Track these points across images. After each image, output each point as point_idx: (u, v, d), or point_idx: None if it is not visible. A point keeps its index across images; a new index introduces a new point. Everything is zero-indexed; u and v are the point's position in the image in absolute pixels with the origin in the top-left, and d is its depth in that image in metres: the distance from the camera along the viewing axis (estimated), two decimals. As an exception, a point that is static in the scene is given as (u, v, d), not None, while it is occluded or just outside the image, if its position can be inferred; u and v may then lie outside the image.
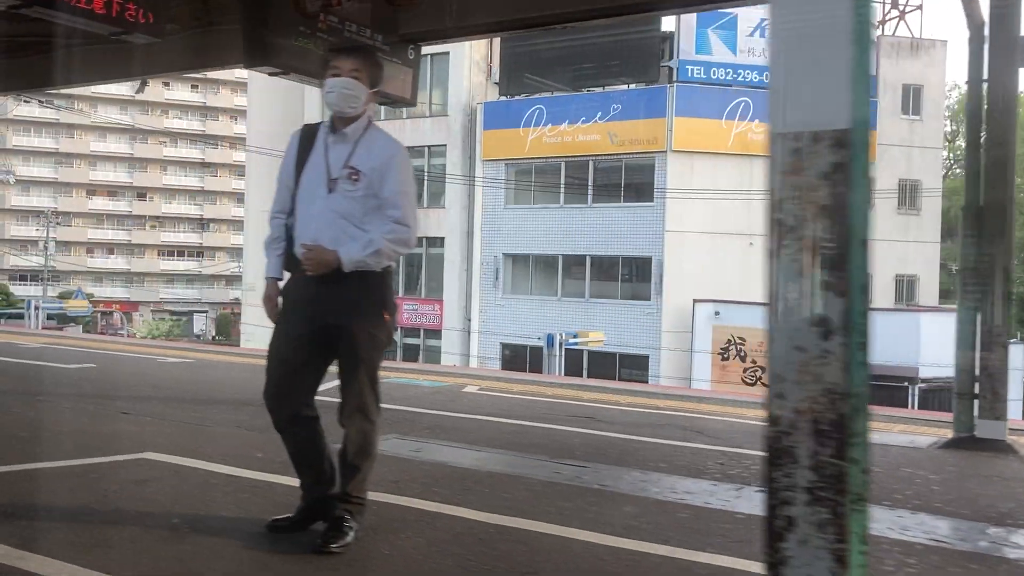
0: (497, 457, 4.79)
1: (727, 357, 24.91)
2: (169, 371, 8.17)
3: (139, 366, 8.52)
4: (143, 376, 7.72)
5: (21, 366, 8.09)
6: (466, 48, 28.57)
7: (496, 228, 28.40)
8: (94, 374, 7.76)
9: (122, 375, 7.75)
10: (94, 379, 7.43)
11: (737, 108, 25.57)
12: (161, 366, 8.62)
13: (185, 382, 7.43)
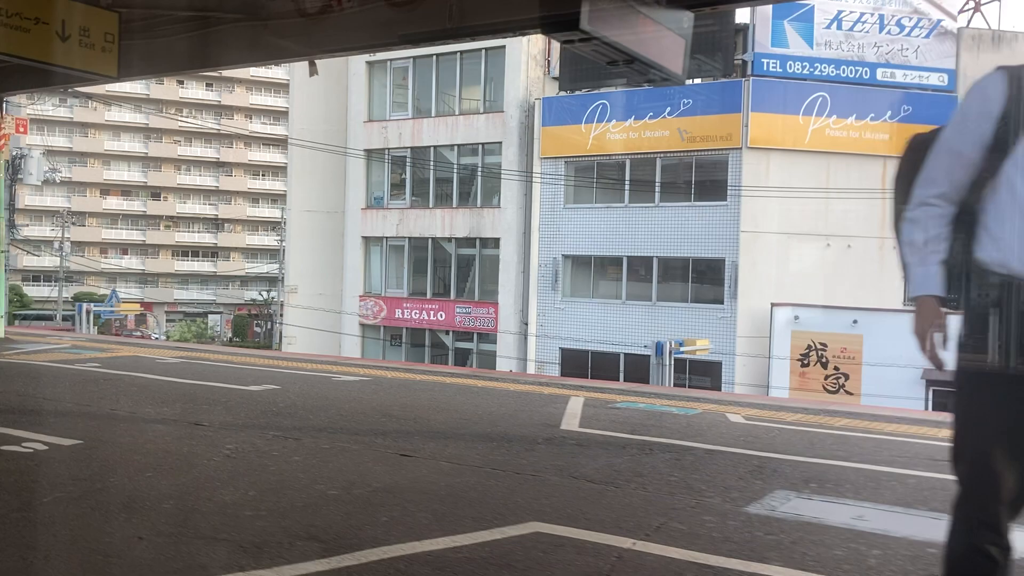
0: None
1: (807, 363, 23.84)
2: (362, 392, 7.07)
3: (320, 386, 7.41)
4: (353, 401, 6.61)
5: (210, 391, 6.98)
6: (523, 43, 27.52)
7: (555, 228, 27.31)
8: (296, 399, 6.64)
9: (326, 399, 6.64)
10: (310, 408, 6.32)
11: (814, 103, 24.51)
12: (342, 385, 7.51)
13: (415, 408, 6.32)
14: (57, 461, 4.49)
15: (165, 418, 5.76)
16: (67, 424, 5.46)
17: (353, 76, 30.97)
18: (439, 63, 29.60)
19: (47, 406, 6.11)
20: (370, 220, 30.92)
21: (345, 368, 8.85)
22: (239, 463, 4.52)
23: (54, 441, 4.90)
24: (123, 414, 5.89)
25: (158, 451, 4.78)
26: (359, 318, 30.95)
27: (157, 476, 4.22)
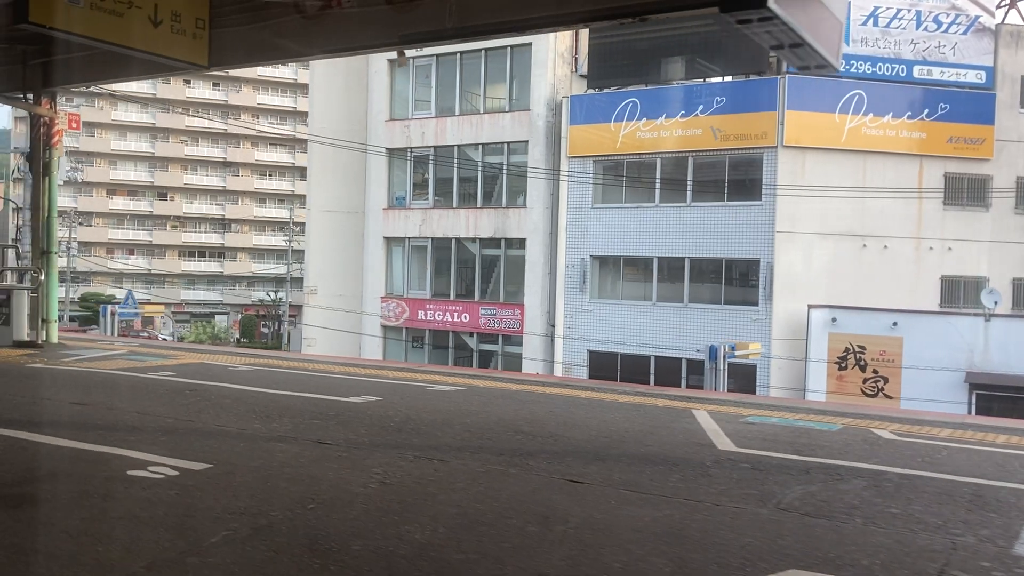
0: None
1: (844, 366, 23.39)
2: (468, 404, 6.59)
3: (421, 397, 6.92)
4: (469, 415, 6.12)
5: (311, 404, 6.51)
6: (550, 39, 27.05)
7: (583, 228, 26.84)
8: (407, 412, 6.16)
9: (438, 412, 6.16)
10: (429, 422, 5.84)
11: (851, 101, 24.06)
12: (442, 396, 7.03)
13: (542, 423, 5.84)
14: (199, 490, 4.01)
15: (282, 435, 5.29)
16: (183, 444, 4.98)
17: (375, 74, 30.49)
18: (463, 61, 29.12)
19: (148, 422, 5.63)
20: (392, 220, 30.43)
21: (425, 376, 8.37)
22: (401, 492, 4.05)
23: (182, 465, 4.42)
24: (233, 430, 5.41)
25: (303, 477, 4.30)
26: (381, 320, 30.47)
27: (323, 509, 3.75)
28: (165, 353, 9.70)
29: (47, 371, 8.00)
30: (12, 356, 9.17)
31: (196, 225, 75.60)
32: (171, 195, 74.56)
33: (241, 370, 8.41)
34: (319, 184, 32.54)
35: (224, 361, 9.16)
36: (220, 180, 75.92)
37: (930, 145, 24.26)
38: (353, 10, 7.60)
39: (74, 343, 10.45)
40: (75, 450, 4.76)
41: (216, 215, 75.85)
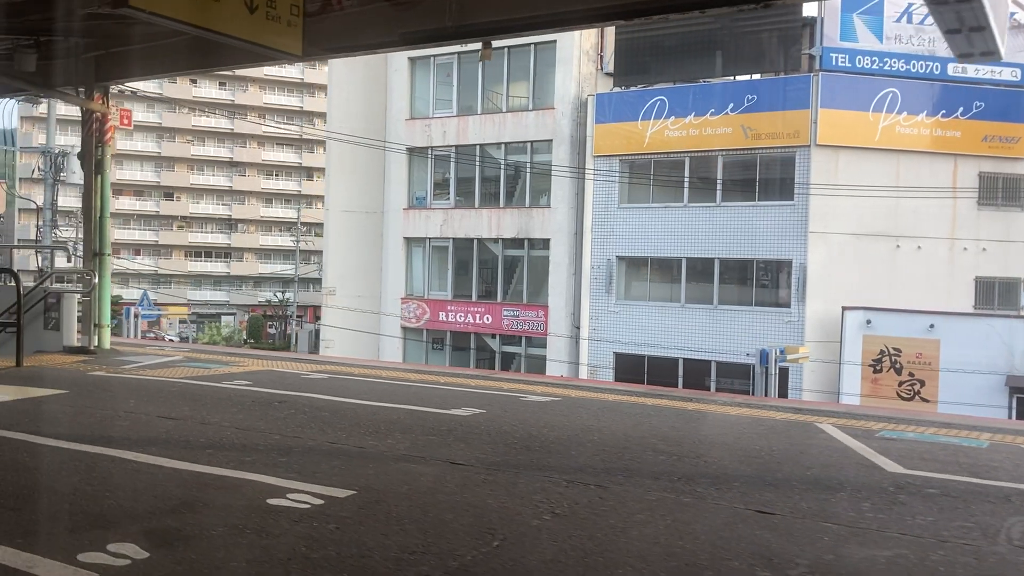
0: None
1: (879, 369, 22.99)
2: (580, 418, 6.15)
3: (525, 410, 6.49)
4: (591, 431, 5.69)
5: (415, 417, 6.08)
6: (575, 37, 26.63)
7: (609, 229, 26.44)
8: (526, 428, 5.73)
9: (557, 428, 5.73)
10: (556, 439, 5.40)
11: (884, 99, 23.68)
12: (547, 408, 6.59)
13: (678, 441, 5.42)
14: (358, 523, 3.58)
15: (407, 454, 4.86)
16: (308, 466, 4.56)
17: (395, 72, 30.09)
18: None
19: (254, 439, 5.20)
20: (412, 220, 30.03)
21: (506, 384, 7.94)
22: (582, 525, 3.63)
23: (322, 491, 4.00)
24: (350, 449, 4.98)
25: (462, 506, 3.88)
26: (401, 321, 30.05)
27: (513, 548, 3.32)
28: (224, 360, 9.26)
29: (114, 381, 7.57)
30: (68, 363, 8.74)
31: (202, 225, 75.17)
32: (177, 195, 74.15)
33: (315, 378, 7.98)
34: (337, 184, 32.14)
35: (289, 368, 8.73)
36: (227, 180, 75.50)
37: (964, 144, 23.87)
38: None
39: (125, 348, 10.01)
40: (194, 473, 4.34)
41: (223, 215, 75.45)
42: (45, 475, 4.28)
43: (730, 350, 24.18)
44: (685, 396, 7.63)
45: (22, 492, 3.96)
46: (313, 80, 77.35)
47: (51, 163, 22.24)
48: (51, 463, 4.54)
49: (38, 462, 4.55)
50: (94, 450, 4.81)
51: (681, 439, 5.49)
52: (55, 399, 6.56)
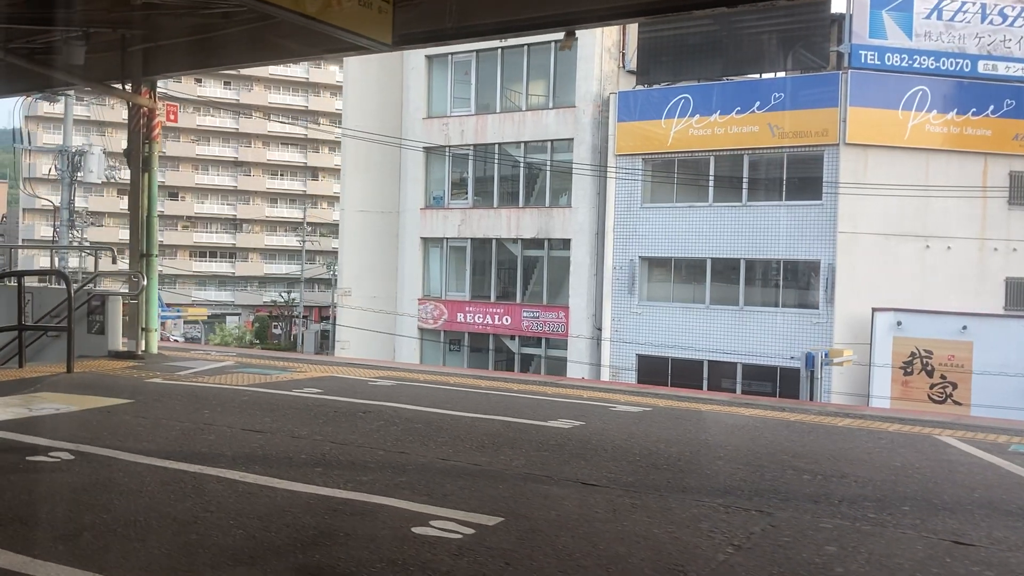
0: None
1: (910, 371, 22.60)
2: (685, 430, 5.75)
3: (622, 421, 6.09)
4: (705, 446, 5.30)
5: (512, 429, 5.69)
6: (597, 34, 26.25)
7: (631, 229, 26.05)
8: (633, 441, 5.33)
9: (665, 442, 5.34)
10: (669, 455, 5.02)
11: (914, 97, 23.30)
12: (642, 420, 6.20)
13: (805, 457, 5.03)
14: (525, 557, 3.20)
15: (527, 472, 4.48)
16: (435, 487, 4.17)
17: (412, 71, 29.71)
18: (504, 57, 28.33)
19: (360, 455, 4.81)
20: (429, 220, 29.64)
21: (587, 392, 7.55)
22: (774, 560, 3.25)
23: (467, 518, 3.62)
24: (466, 465, 4.60)
25: (629, 536, 3.50)
26: (419, 322, 29.67)
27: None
28: (279, 365, 8.87)
29: (178, 389, 7.18)
30: (119, 369, 8.35)
31: (207, 225, 74.76)
32: (182, 195, 73.72)
33: (383, 385, 7.59)
34: (353, 184, 31.75)
35: (351, 374, 8.33)
36: (231, 180, 75.08)
37: (995, 143, 23.51)
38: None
39: (173, 353, 9.62)
40: (316, 496, 3.95)
41: (227, 215, 75.03)
42: (154, 499, 3.90)
43: (757, 352, 23.83)
44: (775, 405, 7.26)
45: (139, 519, 3.58)
46: (318, 80, 77.01)
47: (68, 162, 21.83)
48: (153, 484, 4.16)
49: (139, 483, 4.16)
50: (193, 468, 4.43)
51: (811, 454, 5.11)
52: (123, 410, 6.17)
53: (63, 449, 4.82)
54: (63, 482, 4.15)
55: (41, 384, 7.34)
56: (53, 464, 4.51)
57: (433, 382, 7.94)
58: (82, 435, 5.22)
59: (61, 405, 6.33)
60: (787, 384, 22.67)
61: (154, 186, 9.17)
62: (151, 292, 9.28)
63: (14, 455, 4.71)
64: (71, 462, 4.55)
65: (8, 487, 4.05)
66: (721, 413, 6.59)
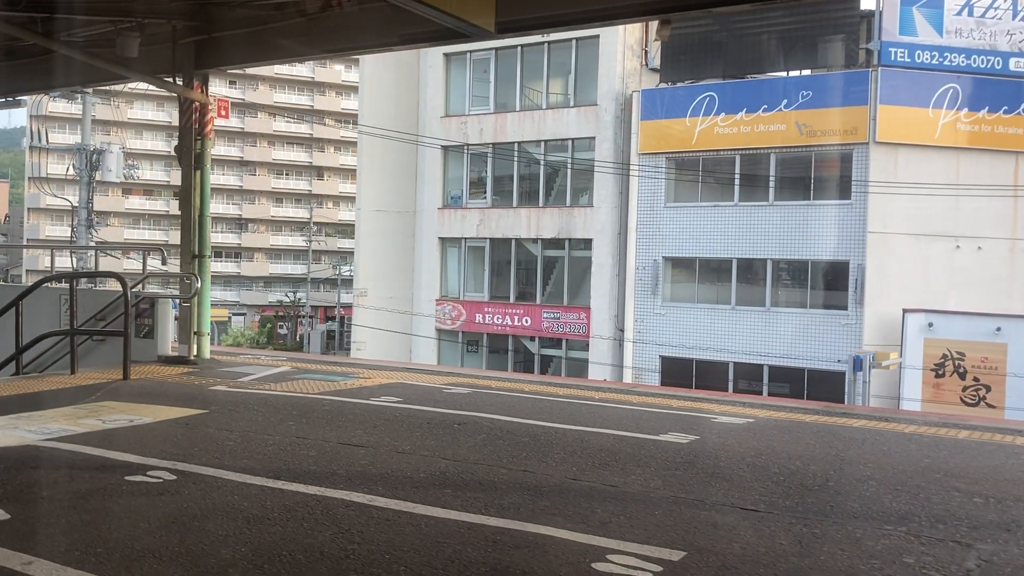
0: None
1: (942, 374, 22.25)
2: (811, 445, 5.40)
3: (734, 434, 5.71)
4: (869, 463, 4.94)
5: (621, 443, 5.30)
6: (619, 32, 25.91)
7: (655, 228, 25.69)
8: (769, 459, 4.97)
9: (824, 462, 4.95)
10: (832, 475, 4.60)
11: (945, 95, 22.95)
12: (757, 432, 5.83)
13: (974, 478, 4.66)
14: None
15: (672, 495, 4.10)
16: (582, 511, 3.80)
17: (429, 69, 29.35)
18: (523, 55, 27.97)
19: (485, 474, 4.44)
20: (447, 220, 29.28)
21: (675, 402, 7.18)
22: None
23: (645, 551, 3.25)
24: (603, 487, 4.23)
25: (832, 572, 3.13)
26: (436, 323, 29.31)
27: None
28: (337, 370, 8.49)
29: (250, 398, 6.80)
30: (176, 375, 7.97)
31: (213, 225, 74.05)
32: (187, 194, 73.19)
33: (460, 392, 7.22)
34: (369, 184, 31.36)
35: (419, 380, 7.96)
36: (237, 179, 74.68)
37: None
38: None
39: (224, 358, 9.23)
40: (463, 524, 3.58)
41: (233, 215, 74.62)
42: (287, 528, 3.52)
43: (784, 353, 23.50)
44: (872, 414, 6.90)
45: (282, 553, 3.21)
46: (324, 79, 76.64)
47: (87, 161, 21.43)
48: (277, 509, 3.78)
49: (262, 508, 3.79)
50: (311, 490, 4.06)
51: (962, 473, 4.74)
52: (202, 421, 5.80)
53: (160, 468, 4.44)
54: (179, 507, 3.77)
55: (101, 392, 6.97)
56: (157, 485, 4.13)
57: (507, 389, 7.57)
58: (172, 451, 4.84)
59: (133, 416, 5.96)
60: (815, 387, 22.32)
61: (206, 184, 8.79)
62: (204, 294, 8.90)
63: (110, 474, 4.34)
64: (175, 483, 4.18)
65: (123, 514, 3.67)
66: (826, 424, 6.22)
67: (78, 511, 3.70)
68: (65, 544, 3.27)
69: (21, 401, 6.59)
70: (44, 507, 3.75)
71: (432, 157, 29.44)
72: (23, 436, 5.24)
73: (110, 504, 3.82)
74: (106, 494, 3.98)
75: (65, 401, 6.53)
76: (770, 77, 24.63)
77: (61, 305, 9.89)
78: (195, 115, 8.64)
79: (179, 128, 8.84)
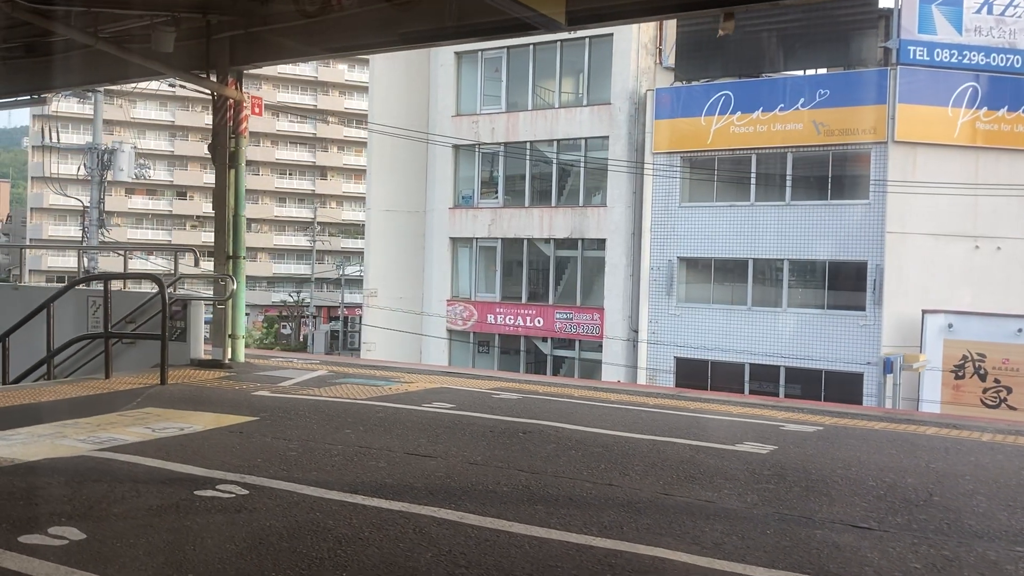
0: None
1: (962, 375, 22.03)
2: (900, 455, 5.17)
3: (820, 446, 5.51)
4: (972, 476, 4.72)
5: (708, 455, 5.06)
6: (633, 30, 25.67)
7: (669, 228, 25.45)
8: (873, 473, 4.73)
9: (919, 475, 4.74)
10: (934, 490, 4.41)
11: (964, 94, 22.72)
12: (835, 440, 5.62)
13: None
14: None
15: (773, 511, 3.88)
16: (688, 529, 3.58)
17: (441, 67, 29.12)
18: (536, 53, 27.74)
19: (572, 489, 4.21)
20: (458, 220, 29.04)
21: (739, 409, 6.96)
22: None
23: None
24: (697, 502, 4.00)
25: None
26: (447, 323, 29.09)
27: None
28: (376, 375, 8.26)
29: (300, 404, 6.57)
30: (212, 380, 7.74)
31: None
32: (191, 194, 73.02)
33: (511, 398, 6.98)
34: (379, 184, 31.11)
35: (463, 384, 7.73)
36: (240, 179, 74.33)
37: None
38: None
39: (259, 362, 9.00)
40: (572, 545, 3.36)
41: (236, 214, 74.26)
42: (383, 549, 3.29)
43: (800, 355, 23.27)
44: (937, 420, 6.69)
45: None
46: (327, 79, 76.39)
47: (98, 161, 21.20)
48: (366, 527, 3.55)
49: (350, 526, 3.55)
50: (395, 506, 3.83)
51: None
52: (256, 429, 5.56)
53: (228, 481, 4.22)
54: (262, 526, 3.55)
55: (141, 398, 6.74)
56: (231, 501, 3.90)
57: (556, 395, 7.34)
58: (235, 462, 4.62)
59: (182, 424, 5.73)
60: (832, 388, 22.10)
61: (241, 183, 8.56)
62: (239, 296, 8.67)
63: (178, 488, 4.11)
64: (249, 498, 3.95)
65: (205, 533, 3.44)
66: (898, 432, 5.99)
67: (156, 530, 3.48)
68: (152, 568, 3.05)
69: (62, 407, 6.37)
70: (119, 525, 3.53)
71: (443, 156, 29.21)
72: (74, 445, 5.01)
73: (187, 522, 3.60)
74: (180, 511, 3.75)
75: (107, 407, 6.30)
76: (787, 76, 24.39)
77: (88, 307, 9.66)
78: (230, 113, 8.41)
79: (213, 126, 8.61)
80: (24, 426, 5.59)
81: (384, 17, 7.41)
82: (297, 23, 7.96)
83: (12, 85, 9.63)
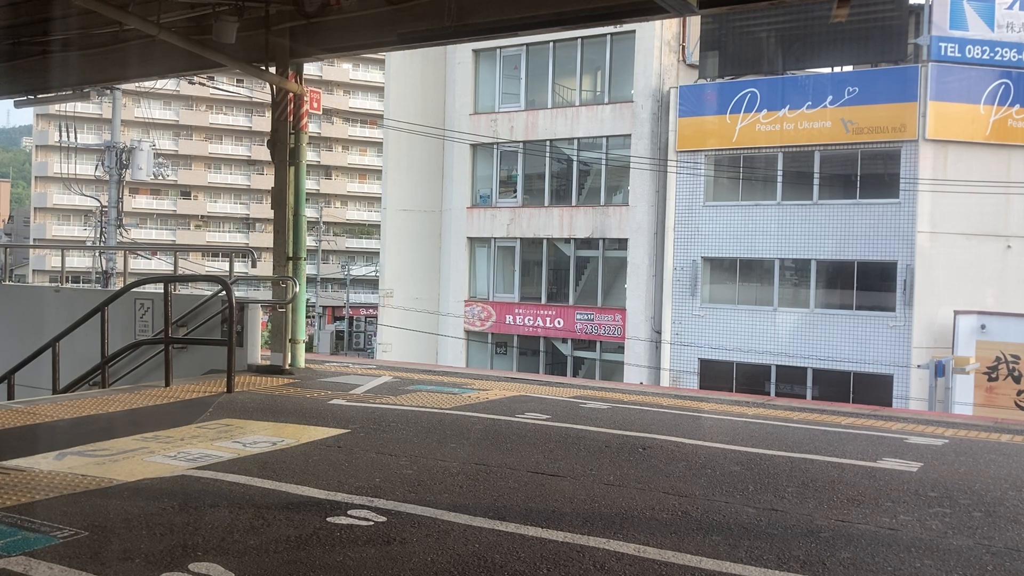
0: None
1: (995, 377, 21.66)
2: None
3: (967, 464, 5.13)
4: None
5: (851, 473, 4.68)
6: (655, 27, 25.30)
7: (693, 228, 25.08)
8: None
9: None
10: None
11: (996, 91, 22.37)
12: (987, 456, 5.26)
13: None
14: None
15: (976, 544, 3.51)
16: (896, 567, 3.21)
17: (458, 65, 28.73)
18: (556, 50, 27.36)
19: (734, 515, 3.83)
20: (476, 220, 28.66)
21: (826, 417, 6.59)
22: None
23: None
24: (876, 530, 3.63)
25: None
26: (465, 324, 28.71)
27: None
28: (445, 381, 7.87)
29: (384, 414, 6.18)
30: (277, 387, 7.35)
31: (220, 225, 73.65)
32: (194, 194, 72.59)
33: (601, 407, 6.60)
34: (395, 183, 30.72)
35: (542, 393, 7.34)
36: (245, 179, 74.00)
37: (1079, 138, 22.60)
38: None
39: (317, 367, 8.61)
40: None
41: (240, 215, 73.93)
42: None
43: (829, 356, 22.91)
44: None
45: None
46: (332, 78, 75.98)
47: (116, 159, 20.79)
48: (543, 564, 3.17)
49: (517, 560, 3.17)
50: (557, 536, 3.45)
51: None
52: (355, 444, 5.18)
53: (358, 505, 3.83)
54: (426, 561, 3.16)
55: (212, 408, 6.35)
56: (373, 530, 3.52)
57: (644, 404, 6.96)
58: (353, 483, 4.23)
59: (272, 437, 5.34)
60: (861, 391, 21.73)
61: (302, 181, 8.17)
62: (299, 299, 8.29)
63: (307, 515, 3.72)
64: (392, 527, 3.57)
65: (367, 572, 3.05)
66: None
67: (311, 568, 3.09)
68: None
69: (131, 418, 5.99)
70: (266, 562, 3.14)
71: (460, 155, 28.84)
72: (168, 463, 4.63)
73: (339, 557, 3.21)
74: (322, 543, 3.37)
75: (180, 419, 5.91)
76: (814, 73, 24.02)
77: (136, 310, 9.28)
78: (290, 107, 8.02)
79: (272, 121, 8.21)
80: (101, 440, 5.21)
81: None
82: (364, 12, 7.57)
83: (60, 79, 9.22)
